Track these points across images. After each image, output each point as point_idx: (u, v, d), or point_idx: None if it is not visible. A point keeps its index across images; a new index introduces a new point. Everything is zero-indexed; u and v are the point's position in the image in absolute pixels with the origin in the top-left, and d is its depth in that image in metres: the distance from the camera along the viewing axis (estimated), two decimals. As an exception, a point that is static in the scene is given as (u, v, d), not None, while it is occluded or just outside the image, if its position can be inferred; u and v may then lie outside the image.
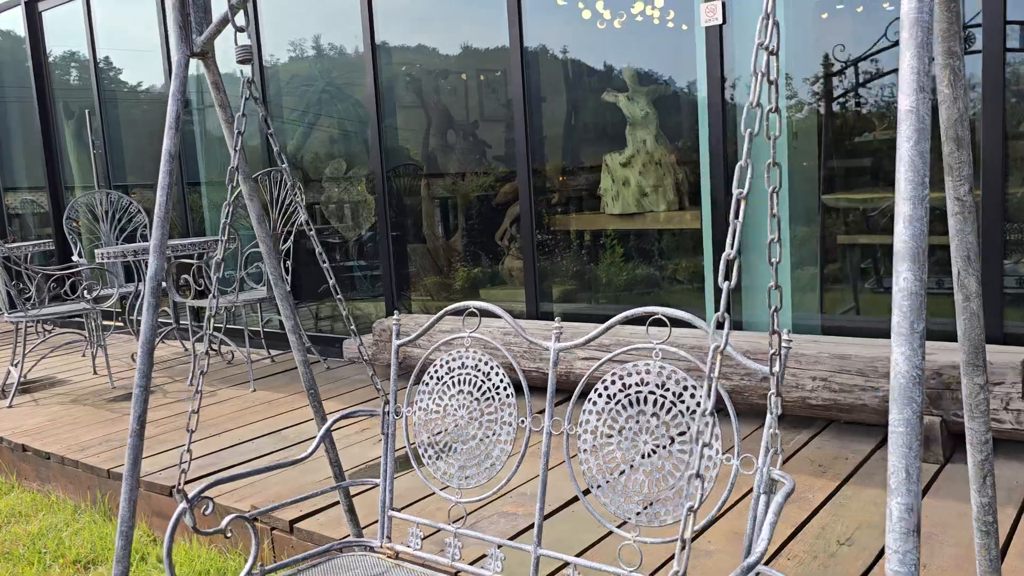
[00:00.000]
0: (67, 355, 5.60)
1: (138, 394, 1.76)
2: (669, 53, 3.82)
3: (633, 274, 4.08)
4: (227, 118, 2.01)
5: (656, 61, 3.88)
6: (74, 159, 7.04)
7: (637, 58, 3.94)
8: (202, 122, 5.92)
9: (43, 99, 6.91)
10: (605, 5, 3.98)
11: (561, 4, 4.08)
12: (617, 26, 3.99)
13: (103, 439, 3.67)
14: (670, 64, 3.83)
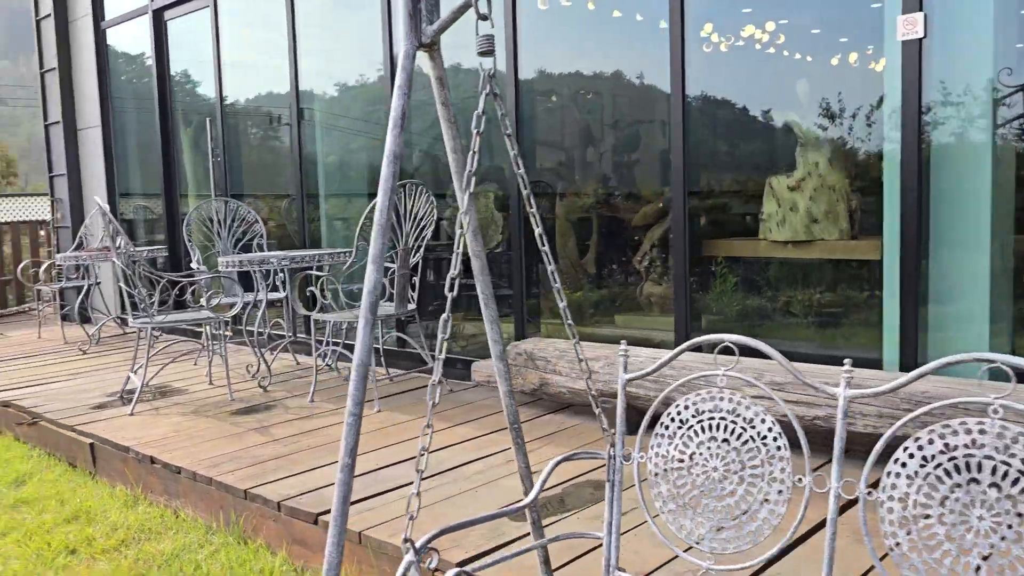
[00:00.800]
0: (178, 363, 5.52)
1: (351, 423, 1.53)
2: (849, 71, 3.50)
3: (798, 306, 3.74)
4: (449, 116, 1.79)
5: (833, 79, 3.56)
6: (190, 167, 7.05)
7: (810, 75, 3.63)
8: (321, 136, 5.83)
9: (164, 107, 6.95)
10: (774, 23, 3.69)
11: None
12: (782, 40, 3.70)
13: (232, 455, 3.50)
14: (850, 82, 3.51)
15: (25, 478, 4.02)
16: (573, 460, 1.74)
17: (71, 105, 7.82)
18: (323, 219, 5.85)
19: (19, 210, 9.16)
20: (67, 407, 4.54)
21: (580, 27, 4.47)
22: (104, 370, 5.60)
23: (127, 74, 7.61)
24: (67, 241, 8.03)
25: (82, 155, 7.87)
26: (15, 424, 4.64)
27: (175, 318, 4.48)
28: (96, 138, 7.64)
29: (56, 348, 6.58)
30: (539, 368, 3.93)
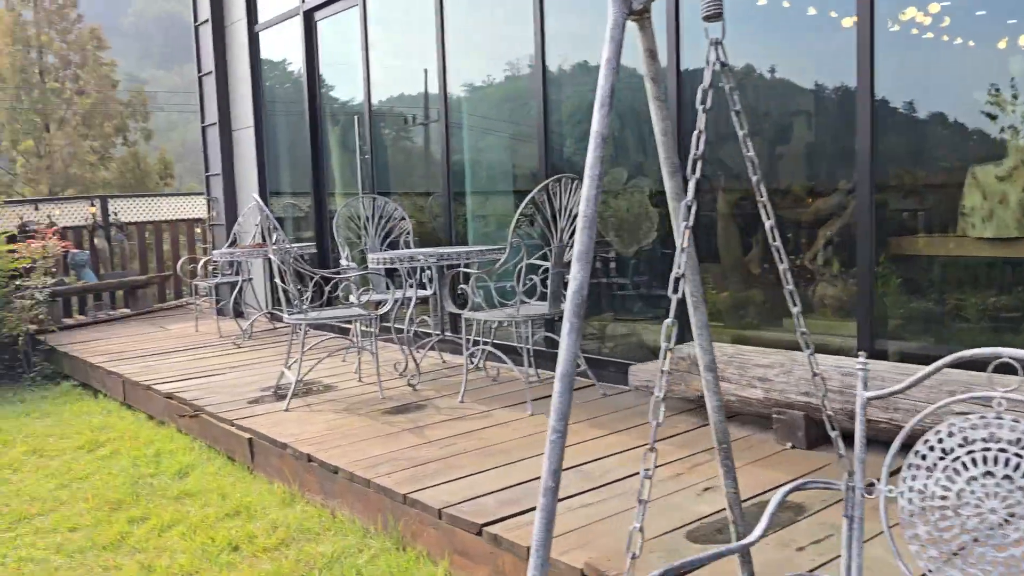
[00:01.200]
0: (327, 358, 5.56)
1: (554, 440, 1.35)
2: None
3: (1012, 311, 3.31)
4: (659, 94, 1.58)
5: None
6: (336, 166, 7.16)
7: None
8: (468, 134, 5.74)
9: (313, 107, 7.08)
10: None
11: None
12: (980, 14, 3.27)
13: (388, 457, 3.42)
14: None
15: (188, 470, 4.11)
16: (778, 481, 1.49)
17: (226, 107, 8.12)
18: (469, 216, 5.77)
19: (176, 209, 9.65)
20: (225, 401, 4.63)
21: (753, 14, 4.15)
22: (257, 364, 5.73)
23: (275, 76, 7.83)
24: (221, 238, 8.35)
25: (236, 155, 8.16)
26: (178, 415, 4.78)
27: (328, 315, 4.48)
28: (249, 138, 7.90)
29: (212, 342, 6.82)
30: (704, 374, 3.66)
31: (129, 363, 6.01)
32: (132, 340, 7.11)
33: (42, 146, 22.88)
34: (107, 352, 6.55)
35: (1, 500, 3.86)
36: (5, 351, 7.12)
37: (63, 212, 8.61)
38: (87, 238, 8.82)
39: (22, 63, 22.70)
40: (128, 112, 24.66)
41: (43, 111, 23.01)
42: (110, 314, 8.63)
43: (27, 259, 7.24)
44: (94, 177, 22.73)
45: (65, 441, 4.85)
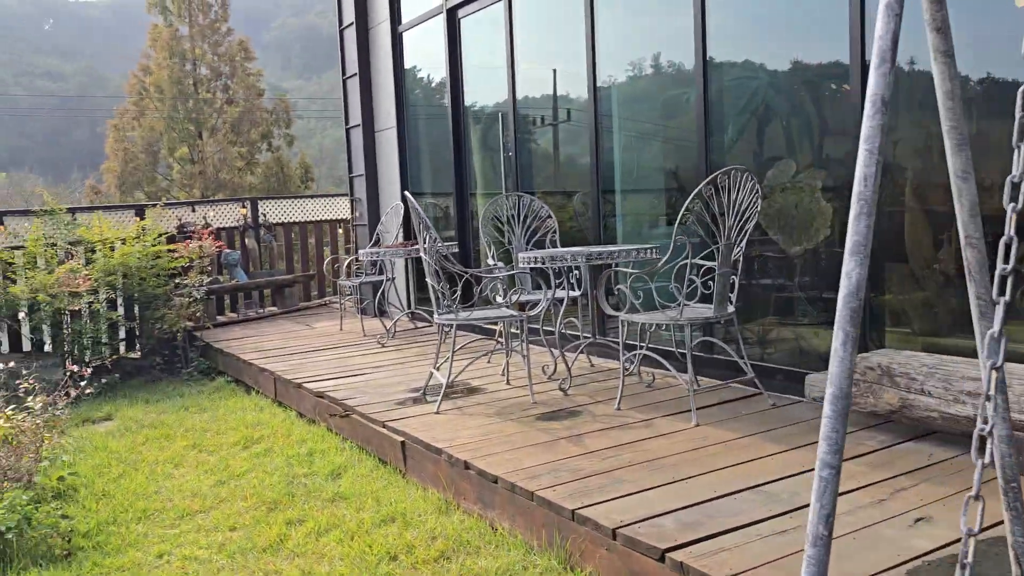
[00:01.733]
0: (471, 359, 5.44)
1: (826, 477, 1.09)
2: None
3: None
4: (946, 48, 1.29)
5: None
6: (478, 165, 7.07)
7: None
8: (618, 130, 5.49)
9: (456, 105, 7.02)
10: None
11: None
12: None
13: (549, 467, 3.22)
14: None
15: (340, 471, 4.06)
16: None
17: (370, 109, 8.21)
18: (618, 215, 5.51)
19: (319, 210, 9.89)
20: (375, 401, 4.58)
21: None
22: (403, 364, 5.69)
23: (416, 76, 7.83)
24: (364, 238, 8.45)
25: (378, 156, 8.23)
26: (328, 415, 4.78)
27: (480, 315, 4.34)
28: (391, 139, 7.95)
29: (356, 340, 6.87)
30: (899, 386, 3.27)
31: (279, 360, 6.11)
32: (281, 338, 7.27)
33: (195, 153, 24.30)
34: (258, 349, 6.71)
35: (165, 495, 3.93)
36: (165, 347, 7.44)
37: (217, 213, 8.97)
38: (238, 238, 9.15)
39: (178, 75, 24.17)
40: (272, 119, 25.82)
41: (196, 120, 24.42)
42: (259, 312, 8.92)
43: (185, 258, 7.54)
44: (241, 181, 23.91)
45: (222, 436, 4.94)
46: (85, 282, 6.59)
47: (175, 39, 24.62)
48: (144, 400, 6.16)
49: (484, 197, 7.06)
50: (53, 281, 6.43)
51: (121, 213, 8.04)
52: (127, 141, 24.16)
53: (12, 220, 7.14)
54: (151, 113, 24.39)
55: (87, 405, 6.12)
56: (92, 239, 7.14)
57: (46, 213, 7.18)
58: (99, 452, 4.66)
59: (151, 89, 24.27)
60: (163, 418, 5.51)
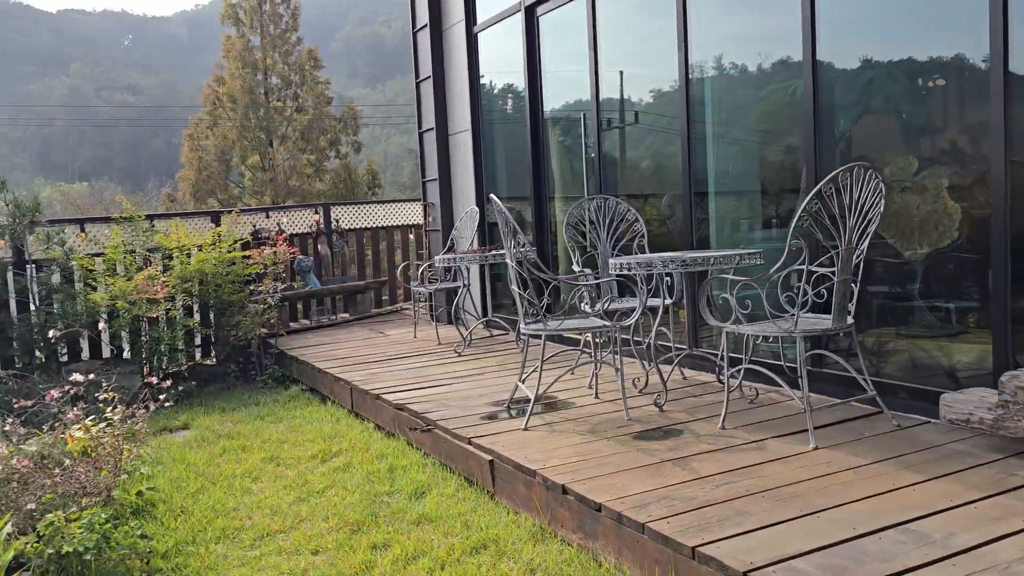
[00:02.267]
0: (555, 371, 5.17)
1: None
2: None
3: None
4: None
5: None
6: (556, 168, 6.81)
7: None
8: (712, 130, 5.16)
9: (535, 106, 6.78)
10: None
11: None
12: None
13: (658, 495, 2.93)
14: None
15: (424, 489, 3.84)
16: None
17: (443, 112, 8.03)
18: (711, 218, 5.18)
19: (389, 215, 9.77)
20: (457, 415, 4.35)
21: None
22: (482, 375, 5.45)
23: (491, 77, 7.62)
24: (436, 244, 8.28)
25: (452, 160, 8.05)
26: (408, 428, 4.57)
27: (572, 325, 4.07)
28: (465, 142, 7.76)
29: (431, 349, 6.67)
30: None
31: (355, 369, 5.95)
32: (355, 345, 7.13)
33: (266, 160, 24.66)
34: (332, 357, 6.57)
35: (244, 512, 3.76)
36: (240, 354, 7.38)
37: (290, 219, 8.92)
38: (311, 244, 9.08)
39: (250, 84, 24.59)
40: (340, 127, 26.07)
41: (267, 128, 24.80)
42: (332, 318, 8.82)
43: (259, 265, 7.48)
44: (311, 188, 24.17)
45: (299, 449, 4.78)
46: (163, 289, 6.56)
47: (247, 49, 25.06)
48: (220, 409, 6.07)
49: (562, 201, 6.80)
50: (132, 288, 6.41)
51: (197, 220, 8.04)
52: (201, 150, 24.67)
53: (93, 227, 7.18)
54: (224, 122, 24.87)
55: (165, 413, 6.06)
56: (169, 246, 7.12)
57: (125, 220, 7.19)
58: (177, 464, 4.54)
59: (224, 99, 24.75)
60: (239, 428, 5.39)
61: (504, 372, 5.49)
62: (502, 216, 4.07)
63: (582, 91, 6.20)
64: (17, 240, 6.27)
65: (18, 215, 6.05)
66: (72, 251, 6.46)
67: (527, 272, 4.03)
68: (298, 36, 26.25)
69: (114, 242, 6.81)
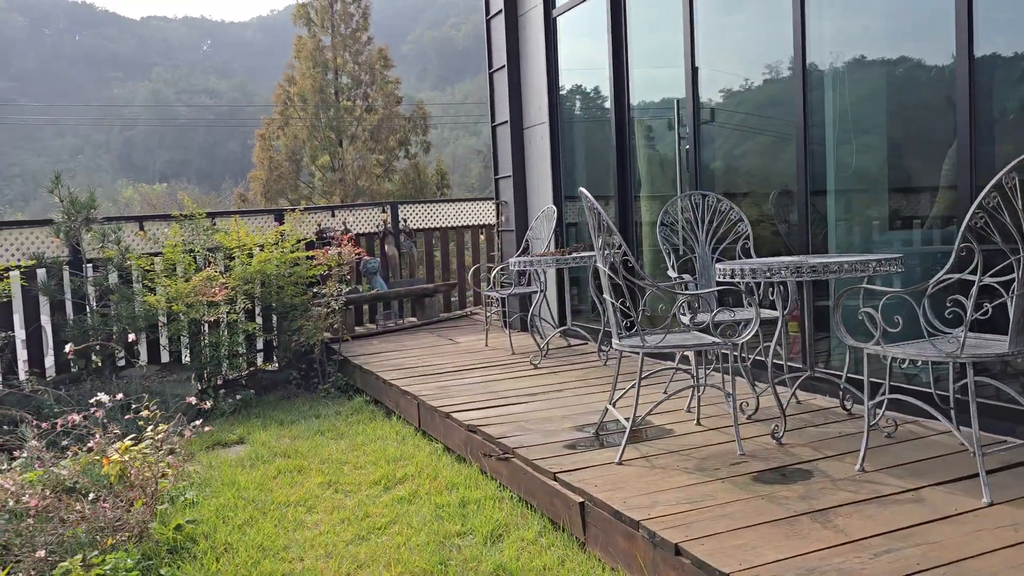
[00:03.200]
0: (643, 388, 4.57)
1: None
2: None
3: None
4: None
5: None
6: (643, 164, 6.20)
7: None
8: (833, 116, 4.49)
9: (620, 96, 6.18)
10: None
11: None
12: None
13: (804, 566, 2.31)
14: None
15: (501, 531, 3.29)
16: None
17: (518, 103, 7.50)
18: (831, 218, 4.50)
19: (459, 215, 9.27)
20: (538, 442, 3.79)
21: None
22: (561, 392, 4.89)
23: (570, 65, 7.04)
24: (509, 245, 7.75)
25: (527, 155, 7.51)
26: (482, 454, 4.04)
27: (675, 341, 3.47)
28: (541, 136, 7.20)
29: (505, 359, 6.14)
30: None
31: (422, 382, 5.45)
32: (422, 354, 6.65)
33: (336, 160, 24.60)
34: (399, 367, 6.09)
35: (295, 552, 3.27)
36: (301, 360, 6.98)
37: (356, 218, 8.51)
38: (377, 244, 8.66)
39: (320, 84, 24.56)
40: (410, 126, 25.86)
41: (337, 128, 24.73)
42: (398, 323, 8.38)
43: (324, 266, 7.07)
44: (380, 188, 23.98)
45: (360, 472, 4.29)
46: (221, 291, 6.19)
47: (318, 49, 25.07)
48: (278, 421, 5.65)
49: (649, 200, 6.19)
50: (189, 290, 6.05)
51: (260, 218, 7.68)
52: (272, 150, 24.76)
53: (153, 225, 6.87)
54: (295, 122, 24.93)
55: (220, 423, 5.68)
56: (230, 245, 6.76)
57: (185, 218, 6.87)
58: (226, 489, 4.09)
59: (295, 99, 24.79)
60: (297, 445, 4.94)
61: (587, 389, 4.91)
62: (594, 213, 3.49)
63: (675, 77, 5.57)
64: (72, 238, 5.98)
65: (72, 212, 5.74)
66: (128, 250, 6.14)
67: (623, 279, 3.45)
68: (368, 35, 26.14)
69: (172, 241, 6.48)
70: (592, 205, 3.47)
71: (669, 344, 3.45)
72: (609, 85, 6.22)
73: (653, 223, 6.01)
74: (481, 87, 74.51)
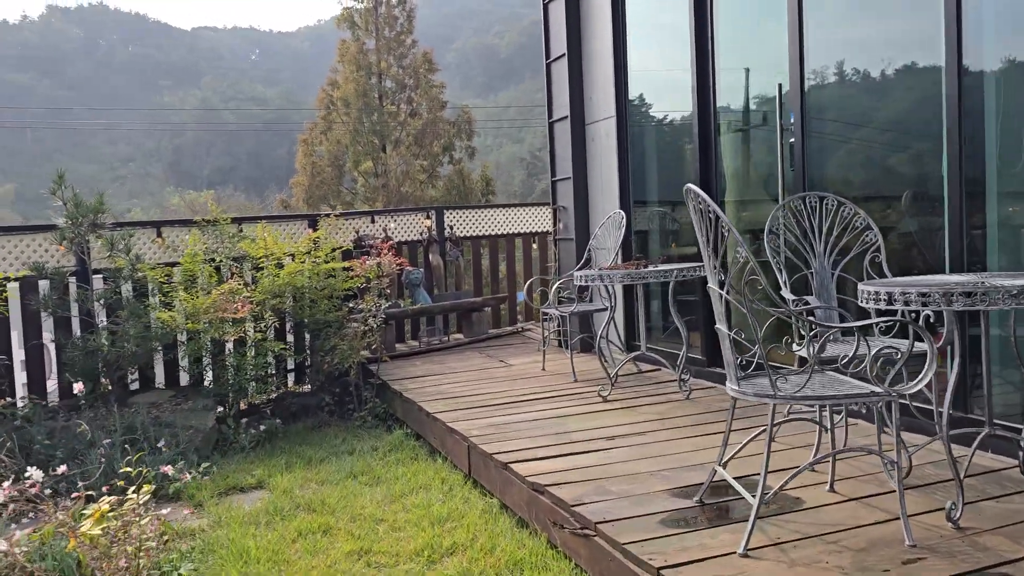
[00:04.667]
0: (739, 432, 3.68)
1: None
2: None
3: None
4: None
5: None
6: (728, 163, 5.31)
7: None
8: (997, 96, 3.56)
9: (703, 83, 5.30)
10: None
11: None
12: None
13: None
14: None
15: (584, 644, 2.44)
16: None
17: (580, 95, 6.66)
18: (993, 226, 3.57)
19: (509, 222, 8.44)
20: (626, 513, 2.93)
21: None
22: (643, 435, 4.02)
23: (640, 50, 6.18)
24: (568, 255, 6.91)
25: (589, 153, 6.66)
26: (550, 522, 3.19)
27: (828, 393, 2.58)
28: (608, 133, 6.36)
29: (567, 387, 5.29)
30: None
31: (472, 415, 4.63)
32: (471, 378, 5.83)
33: (379, 166, 24.02)
34: (444, 395, 5.28)
35: (310, 669, 2.46)
36: (335, 384, 6.22)
37: (398, 225, 7.73)
38: (421, 254, 7.88)
39: (364, 88, 24.03)
40: (454, 131, 25.20)
41: (380, 132, 24.16)
42: (443, 340, 7.58)
43: (361, 278, 6.30)
44: (423, 195, 23.34)
45: (398, 537, 3.48)
46: (245, 306, 5.44)
47: (362, 52, 24.55)
48: (306, 459, 4.87)
49: (736, 205, 5.29)
50: (208, 305, 5.31)
51: (292, 224, 6.95)
52: (315, 155, 24.28)
53: (172, 232, 6.17)
54: (338, 127, 24.43)
55: (239, 461, 4.92)
56: (256, 254, 6.02)
57: (208, 224, 6.16)
58: (232, 562, 3.30)
59: (338, 103, 24.30)
60: (325, 493, 4.15)
61: (674, 432, 4.04)
62: (707, 218, 2.63)
63: (774, 58, 4.68)
64: (78, 246, 5.29)
65: (77, 216, 5.05)
66: (140, 259, 5.42)
67: (748, 303, 2.58)
68: (413, 39, 25.58)
69: (191, 249, 5.76)
70: (707, 207, 2.61)
71: (813, 396, 2.56)
72: (691, 67, 5.33)
73: (744, 232, 5.12)
74: (524, 94, 74.03)
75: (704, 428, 4.09)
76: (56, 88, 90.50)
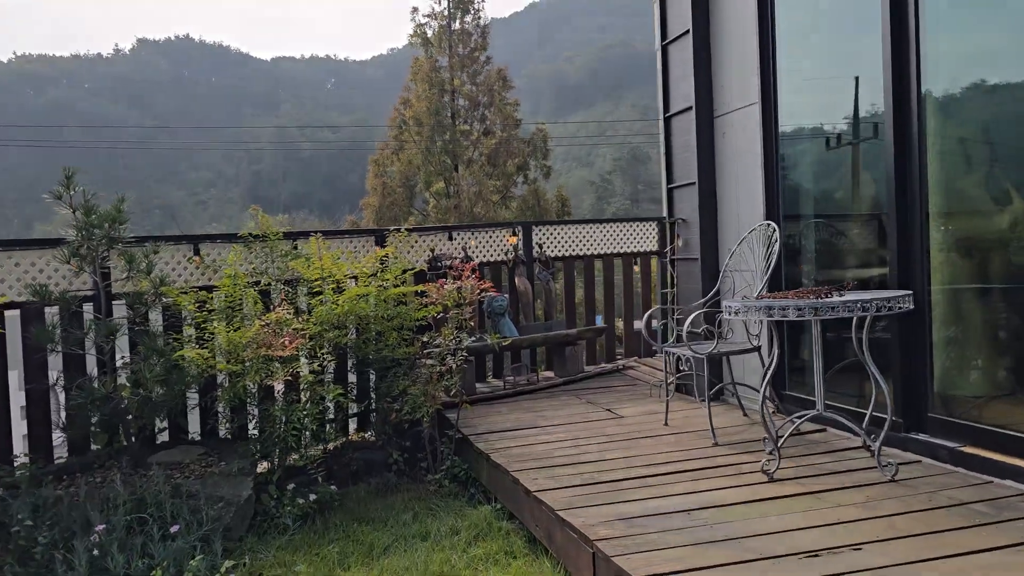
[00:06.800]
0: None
1: None
2: None
3: None
4: None
5: None
6: (936, 163, 3.95)
7: None
8: None
9: (900, 59, 3.98)
10: None
11: None
12: None
13: None
14: None
15: None
16: None
17: (707, 81, 5.39)
18: None
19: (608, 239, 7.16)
20: None
21: None
22: (864, 554, 2.68)
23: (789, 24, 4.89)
24: (689, 278, 5.62)
25: (719, 153, 5.38)
26: None
27: None
28: (746, 125, 5.07)
29: (708, 455, 3.98)
30: None
31: (589, 499, 3.37)
32: (574, 435, 4.56)
33: (451, 186, 23.11)
34: (542, 459, 4.04)
35: None
36: (405, 436, 5.05)
37: (478, 243, 6.55)
38: (505, 276, 6.68)
39: (436, 106, 23.22)
40: (529, 150, 24.16)
41: (453, 152, 23.28)
42: (531, 380, 6.34)
43: (438, 306, 5.13)
44: (496, 215, 22.32)
45: None
46: (294, 341, 4.31)
47: (434, 70, 23.79)
48: (365, 546, 3.68)
49: (947, 218, 3.91)
50: (248, 341, 4.20)
51: (357, 239, 5.83)
52: (386, 175, 23.55)
53: (212, 249, 5.10)
54: (409, 147, 23.65)
55: (277, 548, 3.76)
56: (310, 276, 4.91)
57: (255, 239, 5.08)
58: None
59: (410, 122, 23.55)
60: (389, 612, 2.94)
61: (902, 544, 2.69)
62: None
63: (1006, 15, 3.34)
64: (93, 265, 4.24)
65: (88, 227, 4.00)
66: (164, 282, 4.35)
67: None
68: (487, 55, 24.73)
69: (231, 271, 4.67)
70: None
71: None
72: (884, 48, 4.01)
73: (963, 252, 3.75)
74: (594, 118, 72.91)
75: (949, 540, 2.73)
76: (144, 118, 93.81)
